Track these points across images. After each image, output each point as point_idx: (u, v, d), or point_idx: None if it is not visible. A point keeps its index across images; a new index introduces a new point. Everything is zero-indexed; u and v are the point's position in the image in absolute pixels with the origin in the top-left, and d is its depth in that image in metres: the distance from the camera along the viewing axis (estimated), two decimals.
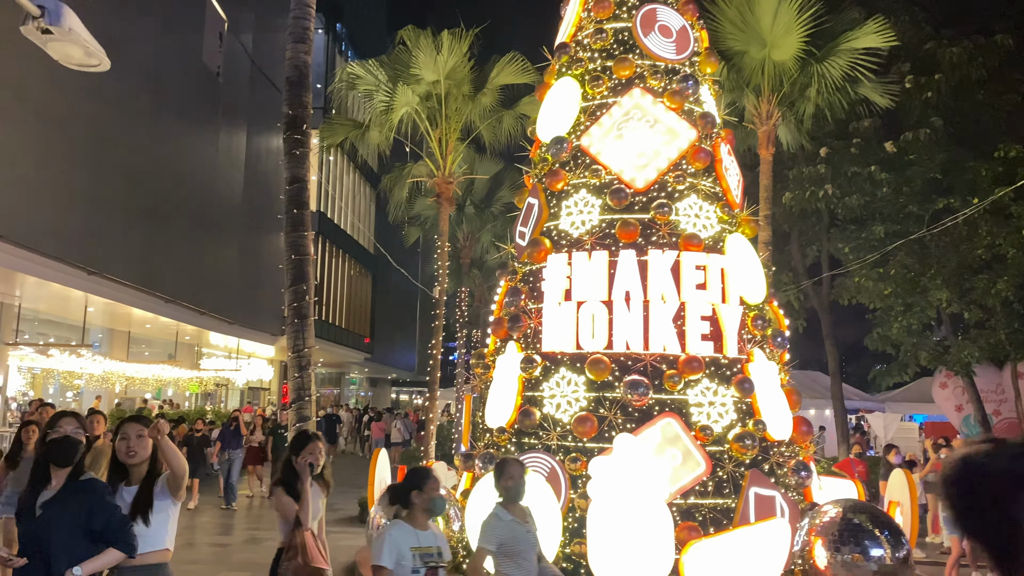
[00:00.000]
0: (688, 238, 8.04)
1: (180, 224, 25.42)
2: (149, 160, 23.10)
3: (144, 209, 23.18)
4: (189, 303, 26.01)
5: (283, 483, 4.84)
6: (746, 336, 8.14)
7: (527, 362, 8.03)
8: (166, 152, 24.23)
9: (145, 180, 23.04)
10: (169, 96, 24.18)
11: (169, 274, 24.51)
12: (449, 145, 14.58)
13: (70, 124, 19.02)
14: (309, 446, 4.89)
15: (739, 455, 7.50)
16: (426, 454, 14.50)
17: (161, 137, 23.97)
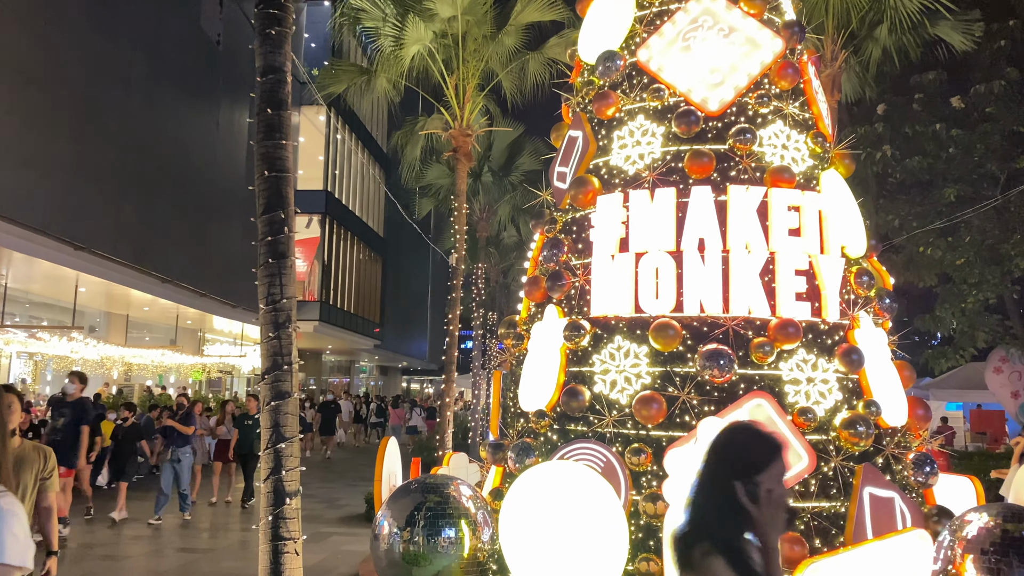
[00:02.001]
0: (777, 172, 6.37)
1: (178, 201, 23.88)
2: (143, 131, 21.53)
3: (138, 183, 21.62)
4: (188, 284, 24.52)
5: None
6: (848, 296, 6.47)
7: (572, 330, 6.39)
8: (161, 123, 22.65)
9: (138, 152, 21.47)
10: (163, 63, 22.59)
11: (166, 253, 22.99)
12: (467, 93, 12.87)
13: (53, 86, 17.46)
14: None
15: (848, 446, 5.84)
16: (442, 444, 12.88)
17: (155, 107, 22.38)
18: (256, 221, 4.91)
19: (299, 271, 35.49)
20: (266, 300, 4.82)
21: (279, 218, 4.88)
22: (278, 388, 4.72)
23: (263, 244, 4.89)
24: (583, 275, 6.64)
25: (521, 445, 6.24)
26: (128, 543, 10.79)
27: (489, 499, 6.42)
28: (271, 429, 4.66)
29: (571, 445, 6.04)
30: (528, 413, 6.60)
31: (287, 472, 4.73)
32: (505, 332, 7.39)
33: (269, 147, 5.02)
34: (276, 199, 4.89)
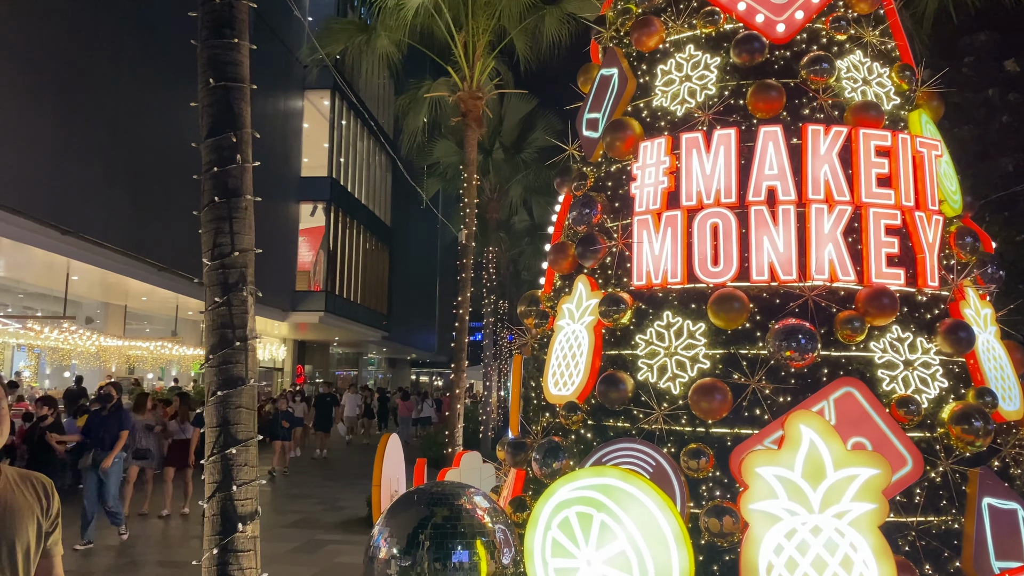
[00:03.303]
0: (862, 109, 5.19)
1: (174, 185, 22.73)
2: (135, 110, 20.40)
3: (130, 166, 20.50)
4: (187, 273, 23.43)
5: None
6: (948, 262, 5.29)
7: (610, 303, 5.23)
8: (155, 103, 21.51)
9: (131, 132, 20.35)
10: (157, 40, 21.44)
11: (162, 240, 21.88)
12: (477, 51, 11.67)
13: (36, 59, 16.36)
14: None
15: (960, 445, 4.67)
16: (452, 440, 11.72)
17: (148, 85, 21.24)
18: (199, 147, 3.74)
19: (304, 261, 34.40)
20: (211, 253, 3.64)
21: (229, 142, 3.69)
22: (228, 372, 3.55)
23: (207, 177, 3.71)
24: (621, 238, 5.47)
25: (548, 445, 5.09)
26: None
27: (509, 510, 5.28)
28: (218, 429, 3.49)
29: (611, 445, 4.89)
30: (556, 406, 5.45)
31: (239, 488, 3.56)
32: (526, 310, 6.23)
33: (216, 48, 3.81)
34: (225, 117, 3.70)
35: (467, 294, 11.78)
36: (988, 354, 5.11)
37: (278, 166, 31.11)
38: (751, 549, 3.80)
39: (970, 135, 13.65)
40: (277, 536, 10.60)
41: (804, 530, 3.75)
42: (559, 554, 4.10)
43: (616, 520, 3.93)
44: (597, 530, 3.99)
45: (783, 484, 3.78)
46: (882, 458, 3.86)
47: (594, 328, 5.37)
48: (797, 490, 3.79)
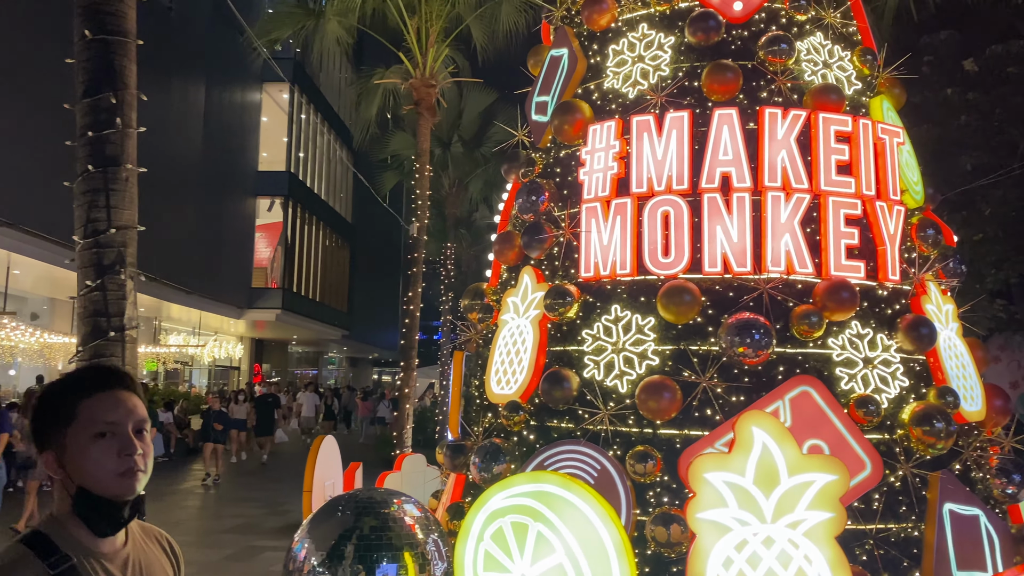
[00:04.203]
0: (822, 93, 4.92)
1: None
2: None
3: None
4: (138, 268, 22.71)
5: None
6: (910, 255, 5.05)
7: (556, 296, 4.89)
8: None
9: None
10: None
11: None
12: (430, 37, 11.27)
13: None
14: None
15: (921, 448, 4.41)
16: (400, 441, 11.30)
17: None
18: (73, 108, 3.32)
19: (261, 257, 33.66)
20: (84, 230, 3.21)
21: (108, 104, 3.27)
22: (103, 365, 3.15)
23: (82, 143, 3.30)
24: (569, 228, 5.14)
25: (488, 447, 4.74)
26: None
27: (446, 518, 4.92)
28: None
29: (554, 448, 4.56)
30: (498, 406, 5.10)
31: None
32: (470, 304, 5.88)
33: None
34: (104, 75, 3.27)
35: (418, 290, 11.39)
36: (950, 352, 4.88)
37: (234, 159, 30.39)
38: (698, 562, 3.49)
39: (929, 134, 13.55)
40: (212, 543, 10.13)
41: (755, 541, 3.45)
42: (492, 568, 3.75)
43: (553, 530, 3.60)
44: (533, 541, 3.65)
45: (733, 491, 3.48)
46: (839, 463, 3.57)
47: (539, 323, 5.04)
48: (748, 498, 3.49)
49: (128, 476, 1.76)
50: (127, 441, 1.75)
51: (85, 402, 1.77)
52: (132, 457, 1.75)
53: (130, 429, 1.77)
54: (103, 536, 1.79)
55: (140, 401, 1.83)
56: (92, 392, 1.78)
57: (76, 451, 1.74)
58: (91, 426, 1.74)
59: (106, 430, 1.74)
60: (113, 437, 1.75)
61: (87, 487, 1.74)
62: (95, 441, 1.74)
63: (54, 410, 1.78)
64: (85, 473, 1.74)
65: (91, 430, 1.74)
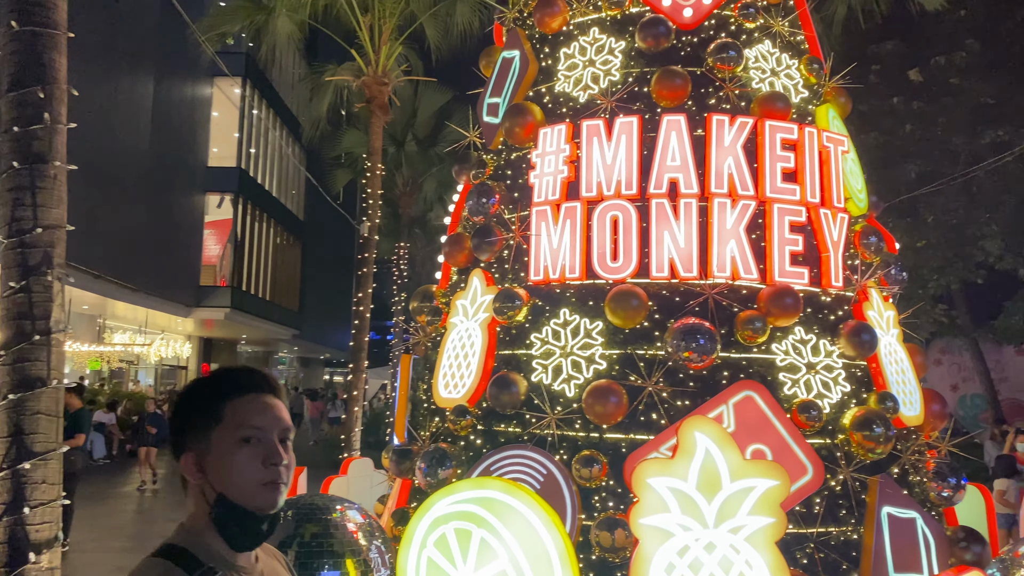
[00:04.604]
0: (769, 100, 4.97)
1: (69, 173, 21.42)
2: None
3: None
4: (79, 265, 22.07)
5: None
6: (852, 262, 5.14)
7: (505, 300, 4.87)
8: None
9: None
10: None
11: None
12: (384, 35, 11.16)
13: None
14: None
15: (862, 452, 4.49)
16: (348, 444, 11.17)
17: None
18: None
19: (210, 254, 33.03)
20: (9, 229, 3.07)
21: (35, 98, 3.14)
22: (24, 372, 3.00)
23: (7, 139, 3.16)
24: (519, 231, 5.12)
25: (434, 452, 4.69)
26: None
27: (392, 523, 4.86)
28: (9, 439, 2.94)
29: (500, 453, 4.53)
30: (445, 410, 5.06)
31: (34, 510, 3.01)
32: (418, 306, 5.82)
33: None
34: (31, 68, 3.15)
35: (369, 291, 11.27)
36: (890, 357, 4.97)
37: (184, 155, 29.77)
38: (640, 568, 3.49)
39: (875, 142, 13.89)
40: (151, 548, 9.87)
41: (697, 547, 3.46)
42: (435, 575, 3.71)
43: (496, 537, 3.57)
44: (476, 548, 3.62)
45: (676, 497, 3.49)
46: (781, 468, 3.61)
47: (488, 326, 5.01)
48: (691, 503, 3.50)
49: (271, 488, 1.61)
50: (273, 449, 1.61)
51: (232, 403, 1.63)
52: (277, 467, 1.61)
53: (275, 437, 1.64)
54: (240, 550, 1.64)
55: (285, 409, 1.71)
56: (240, 393, 1.65)
57: (219, 455, 1.61)
58: (237, 429, 1.61)
59: (252, 435, 1.61)
60: (259, 444, 1.61)
61: (228, 495, 1.60)
62: (240, 446, 1.60)
63: (198, 409, 1.65)
64: (227, 480, 1.60)
65: (237, 434, 1.61)
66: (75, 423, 9.99)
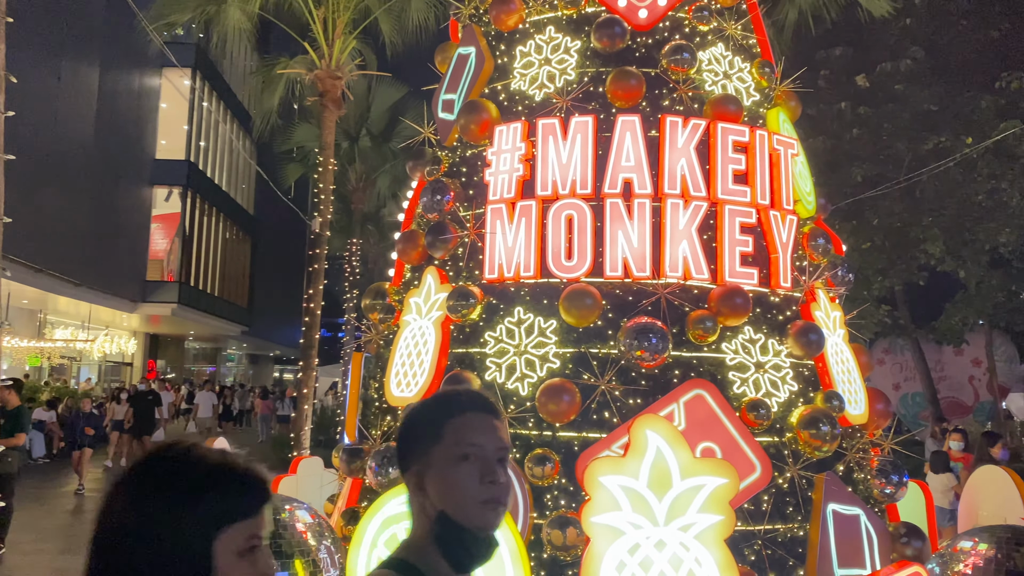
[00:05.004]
0: (721, 103, 5.04)
1: (7, 163, 20.74)
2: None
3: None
4: (18, 258, 21.40)
5: None
6: (801, 263, 5.23)
7: (459, 298, 4.85)
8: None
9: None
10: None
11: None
12: (337, 28, 11.04)
13: None
14: None
15: (808, 450, 4.57)
16: (297, 443, 11.04)
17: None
18: None
19: (157, 249, 32.32)
20: None
21: None
22: None
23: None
24: (474, 228, 5.10)
25: (386, 451, 4.65)
26: None
27: (341, 523, 4.81)
28: None
29: None
30: (397, 409, 5.02)
31: None
32: (371, 303, 5.76)
33: None
34: None
35: (320, 287, 11.14)
36: (836, 357, 5.07)
37: (130, 146, 29.08)
38: (592, 566, 3.51)
39: (823, 146, 14.18)
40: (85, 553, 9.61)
41: (648, 545, 3.49)
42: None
43: None
44: None
45: (627, 495, 3.51)
46: (730, 466, 3.66)
47: (442, 324, 4.98)
48: (642, 501, 3.53)
49: (490, 507, 1.58)
50: (490, 467, 1.59)
51: (452, 422, 1.62)
52: (495, 485, 1.59)
53: (494, 456, 1.61)
54: (461, 572, 1.61)
55: (505, 429, 1.68)
56: (459, 413, 1.64)
57: (439, 472, 1.59)
58: (456, 447, 1.59)
59: (470, 452, 1.59)
60: (476, 461, 1.59)
61: (448, 513, 1.57)
62: (458, 463, 1.58)
63: (421, 429, 1.64)
64: (447, 498, 1.58)
65: (455, 451, 1.59)
66: (15, 421, 9.67)
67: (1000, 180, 12.00)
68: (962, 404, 20.37)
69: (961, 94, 12.98)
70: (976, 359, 19.72)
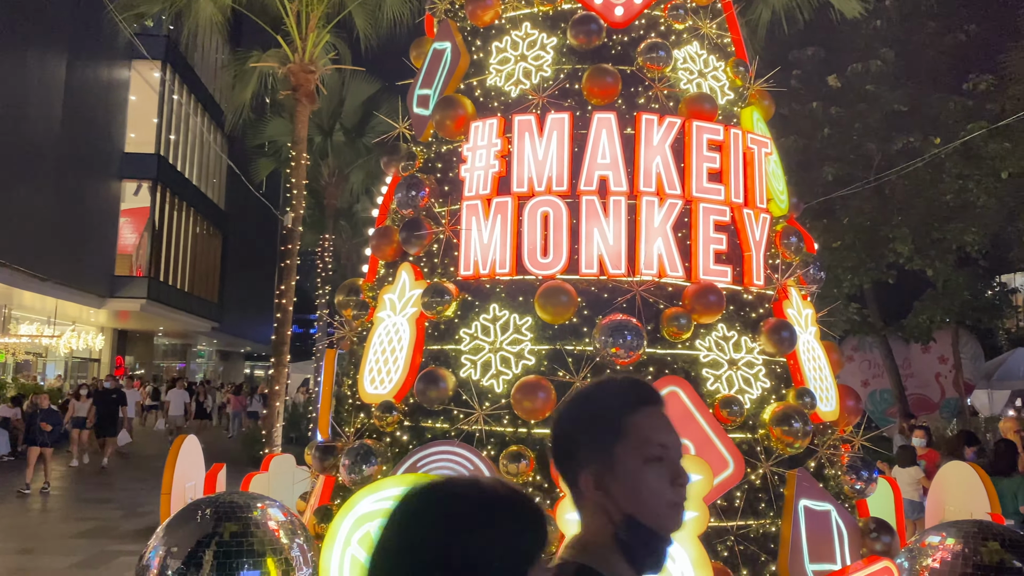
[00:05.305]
0: (696, 101, 5.06)
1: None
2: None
3: None
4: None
5: None
6: (773, 261, 5.27)
7: (434, 294, 4.83)
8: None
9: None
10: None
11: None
12: (311, 22, 10.94)
13: None
14: None
15: (780, 447, 4.61)
16: (269, 440, 10.94)
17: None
18: None
19: (126, 243, 31.86)
20: None
21: None
22: None
23: None
24: (449, 225, 5.08)
25: (359, 449, 4.61)
26: None
27: (314, 521, 4.77)
28: None
29: (427, 449, 4.49)
30: (371, 406, 4.99)
31: None
32: (344, 300, 5.71)
33: None
34: None
35: (292, 283, 11.04)
36: (808, 355, 5.12)
37: (99, 140, 28.62)
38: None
39: (795, 145, 14.32)
40: (58, 549, 9.46)
41: None
42: (359, 573, 3.64)
43: None
44: None
45: None
46: (705, 463, 3.68)
47: (416, 321, 4.95)
48: None
49: (678, 508, 1.52)
50: (680, 469, 1.52)
51: (633, 418, 1.53)
52: (683, 487, 1.52)
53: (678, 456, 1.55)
54: (644, 574, 1.53)
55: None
56: (639, 407, 1.54)
57: (626, 473, 1.50)
58: (644, 446, 1.50)
59: (661, 454, 1.51)
60: (666, 462, 1.51)
61: (637, 516, 1.49)
62: (649, 465, 1.50)
63: (596, 422, 1.53)
64: (636, 500, 1.50)
65: (646, 452, 1.50)
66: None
67: (967, 180, 12.20)
68: (929, 401, 20.70)
69: (930, 95, 13.18)
70: (942, 356, 20.04)
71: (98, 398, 18.06)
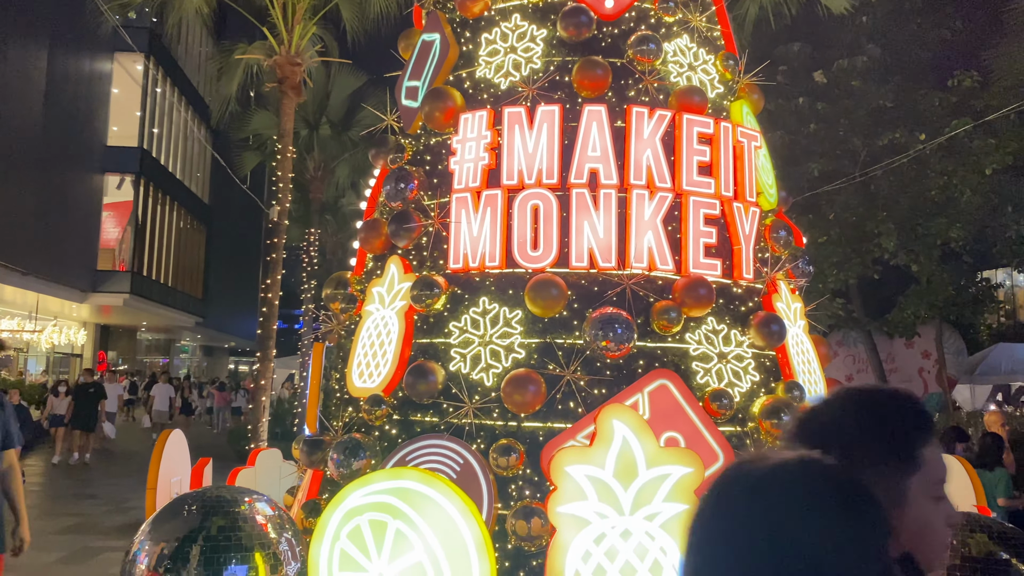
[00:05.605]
0: (687, 94, 5.04)
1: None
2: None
3: None
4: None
5: None
6: (763, 255, 5.27)
7: (423, 287, 4.79)
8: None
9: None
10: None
11: None
12: (297, 14, 10.85)
13: None
14: None
15: (770, 439, 4.62)
16: (255, 435, 10.87)
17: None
18: None
19: (109, 238, 31.58)
20: None
21: None
22: None
23: None
24: (439, 217, 5.05)
25: (347, 443, 4.58)
26: None
27: (302, 515, 4.73)
28: None
29: (416, 442, 4.47)
30: (359, 400, 4.95)
31: None
32: (332, 293, 5.67)
33: None
34: None
35: (277, 277, 10.96)
36: (797, 348, 5.13)
37: (80, 133, 28.33)
38: (557, 556, 3.50)
39: (781, 141, 14.36)
40: (43, 544, 9.35)
41: (614, 534, 3.49)
42: (348, 568, 3.62)
43: (413, 528, 3.51)
44: (392, 539, 3.55)
45: (593, 484, 3.50)
46: (695, 456, 3.67)
47: (405, 314, 4.92)
48: (607, 491, 3.52)
49: (947, 551, 1.41)
50: (953, 510, 1.41)
51: (927, 449, 1.36)
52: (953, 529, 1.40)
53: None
54: None
55: None
56: (932, 437, 1.38)
57: (917, 511, 1.35)
58: (935, 487, 1.36)
59: (943, 494, 1.39)
60: (946, 503, 1.39)
61: (916, 557, 1.36)
62: (935, 505, 1.36)
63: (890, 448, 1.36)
64: (922, 541, 1.36)
65: (935, 492, 1.36)
66: None
67: (952, 176, 12.28)
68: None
69: (915, 91, 13.25)
70: (926, 351, 20.19)
71: (76, 392, 17.76)
